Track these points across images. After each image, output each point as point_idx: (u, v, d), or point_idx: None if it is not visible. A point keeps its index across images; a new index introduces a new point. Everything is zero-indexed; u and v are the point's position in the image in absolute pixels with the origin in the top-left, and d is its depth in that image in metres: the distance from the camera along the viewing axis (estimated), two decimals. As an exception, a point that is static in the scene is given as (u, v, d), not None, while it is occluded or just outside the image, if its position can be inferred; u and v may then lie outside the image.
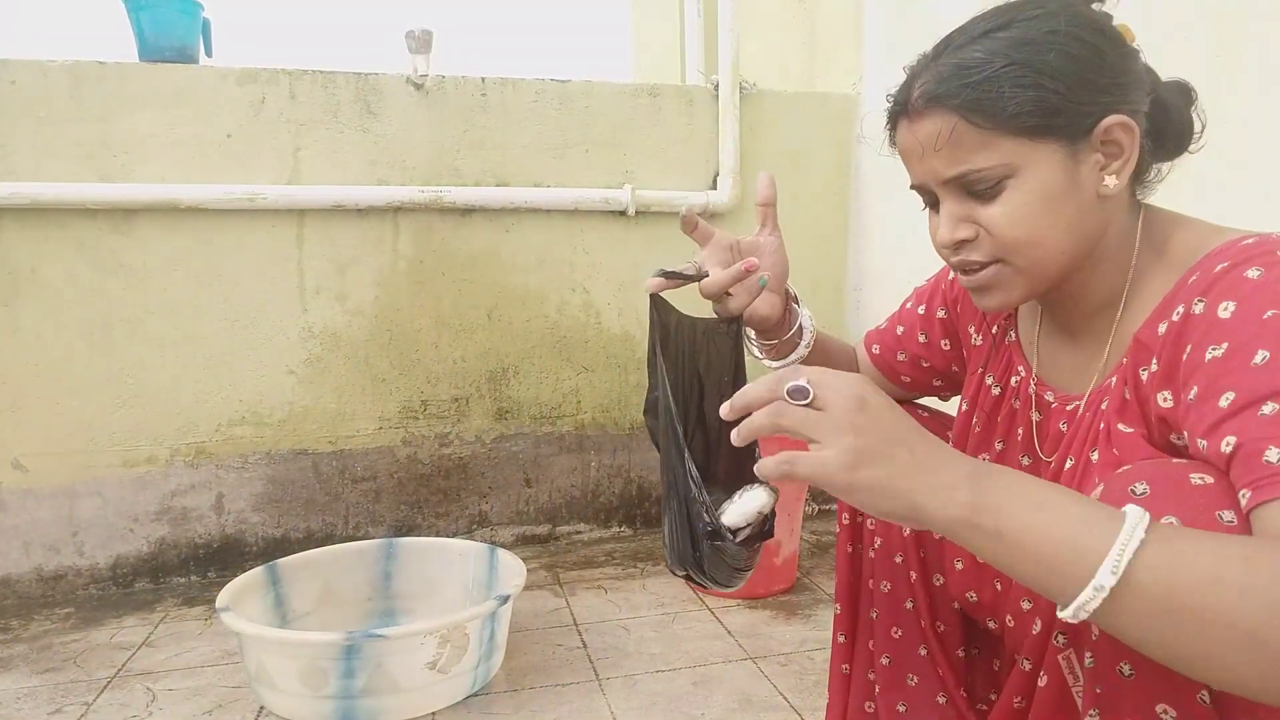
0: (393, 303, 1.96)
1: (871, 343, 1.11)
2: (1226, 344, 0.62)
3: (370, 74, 1.90)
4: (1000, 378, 0.92)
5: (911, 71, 0.77)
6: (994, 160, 0.71)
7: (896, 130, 0.79)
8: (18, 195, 1.70)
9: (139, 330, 1.82)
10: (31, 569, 1.81)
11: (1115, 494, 0.65)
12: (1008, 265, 0.75)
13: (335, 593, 1.59)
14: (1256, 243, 0.66)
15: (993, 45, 0.71)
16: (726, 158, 2.10)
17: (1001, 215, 0.73)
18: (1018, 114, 0.69)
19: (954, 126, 0.72)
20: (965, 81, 0.71)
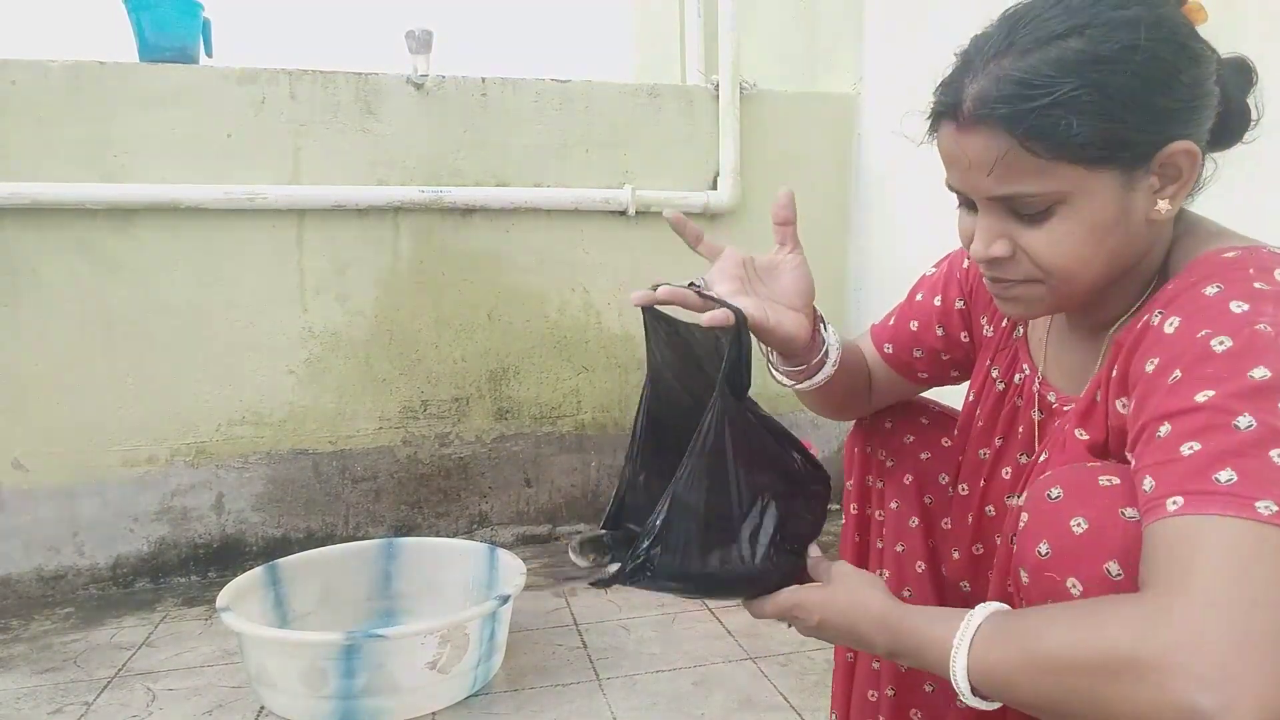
0: (393, 303, 1.96)
1: (882, 342, 1.05)
2: (1158, 359, 0.63)
3: (370, 74, 1.90)
4: (1005, 373, 0.92)
5: (965, 61, 0.69)
6: (1047, 187, 0.66)
7: (940, 130, 0.72)
8: (18, 195, 1.70)
9: (139, 330, 1.82)
10: (32, 569, 1.81)
11: (1034, 500, 0.69)
12: (1040, 285, 0.72)
13: (335, 593, 1.59)
14: (1235, 258, 0.65)
15: (1063, 57, 0.64)
16: (726, 158, 2.10)
17: (1046, 242, 0.68)
18: (1082, 145, 0.64)
19: (1008, 150, 0.65)
20: (1028, 105, 0.64)
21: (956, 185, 0.73)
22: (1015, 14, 0.68)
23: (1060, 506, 0.67)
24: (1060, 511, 0.66)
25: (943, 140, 0.72)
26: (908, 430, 1.05)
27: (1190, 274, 0.67)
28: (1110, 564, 0.63)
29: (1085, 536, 0.64)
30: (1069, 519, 0.65)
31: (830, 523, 2.40)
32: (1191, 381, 0.59)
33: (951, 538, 0.98)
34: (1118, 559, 0.62)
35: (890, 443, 1.05)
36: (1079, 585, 0.64)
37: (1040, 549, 0.67)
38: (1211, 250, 0.68)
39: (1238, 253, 0.66)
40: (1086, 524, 0.64)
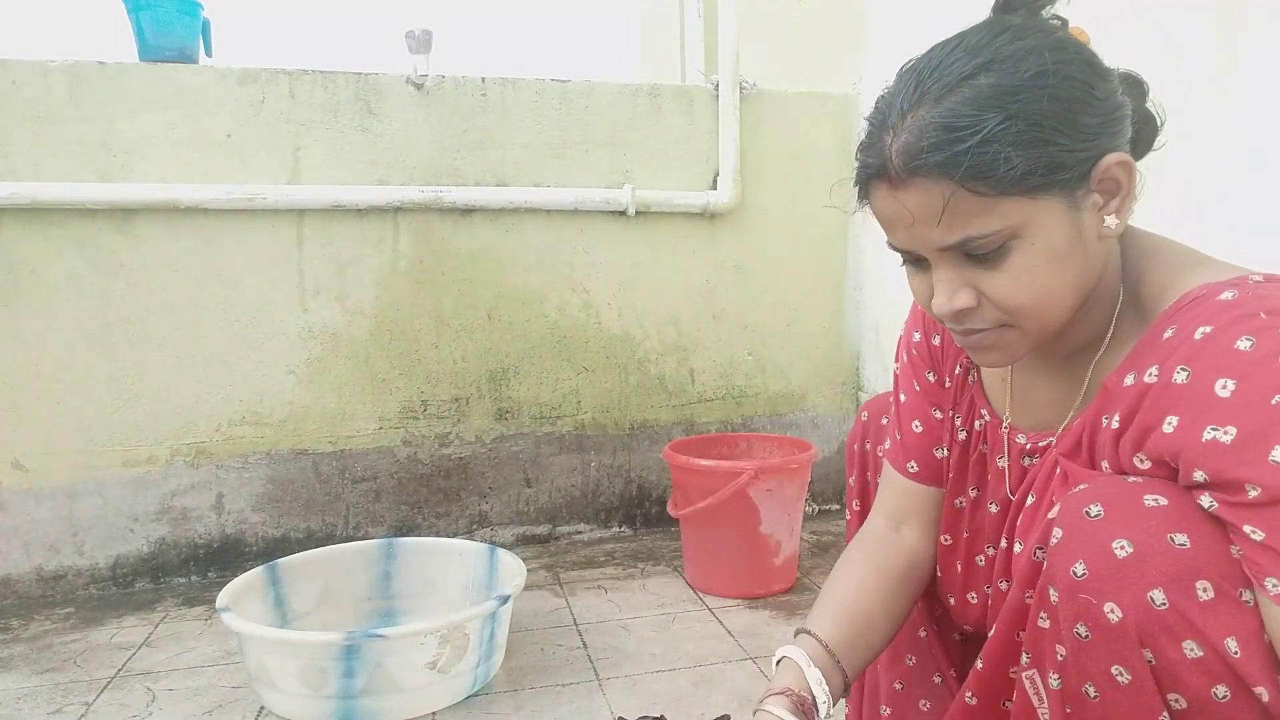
0: (393, 303, 1.96)
1: (904, 462, 0.96)
2: (1235, 429, 0.59)
3: (370, 74, 1.90)
4: (965, 421, 0.90)
5: (881, 119, 0.68)
6: (997, 225, 0.65)
7: (872, 194, 0.71)
8: (18, 195, 1.70)
9: (139, 330, 1.82)
10: (31, 569, 1.81)
11: (1070, 516, 0.66)
12: (1013, 329, 0.70)
13: (335, 593, 1.59)
14: (1235, 300, 0.63)
15: (978, 96, 0.63)
16: (726, 158, 2.10)
17: (1009, 282, 0.67)
18: (1021, 175, 0.63)
19: (951, 196, 0.64)
20: (960, 146, 0.63)
21: (903, 244, 0.71)
22: (916, 67, 0.68)
23: (1100, 526, 0.63)
24: (1100, 531, 0.63)
25: (878, 202, 0.70)
26: None
27: (1189, 316, 0.64)
28: (1155, 592, 0.61)
29: (1130, 561, 0.61)
30: (1110, 540, 0.62)
31: (833, 521, 2.40)
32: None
33: (943, 583, 0.96)
34: (1164, 588, 0.60)
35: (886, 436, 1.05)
36: (1118, 611, 0.62)
37: (1076, 569, 0.64)
38: (1200, 286, 0.66)
39: (1234, 293, 0.63)
40: (1132, 548, 0.61)
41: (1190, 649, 0.61)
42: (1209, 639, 0.60)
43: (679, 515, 1.78)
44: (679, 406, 2.17)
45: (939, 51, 0.67)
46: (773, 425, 2.24)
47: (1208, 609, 0.60)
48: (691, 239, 2.13)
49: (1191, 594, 0.60)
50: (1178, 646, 0.61)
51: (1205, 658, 0.61)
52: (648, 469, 2.16)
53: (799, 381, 2.26)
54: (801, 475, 1.77)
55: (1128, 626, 0.62)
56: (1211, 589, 0.60)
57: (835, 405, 2.29)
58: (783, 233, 2.18)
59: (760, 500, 1.70)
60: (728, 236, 2.15)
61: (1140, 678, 0.63)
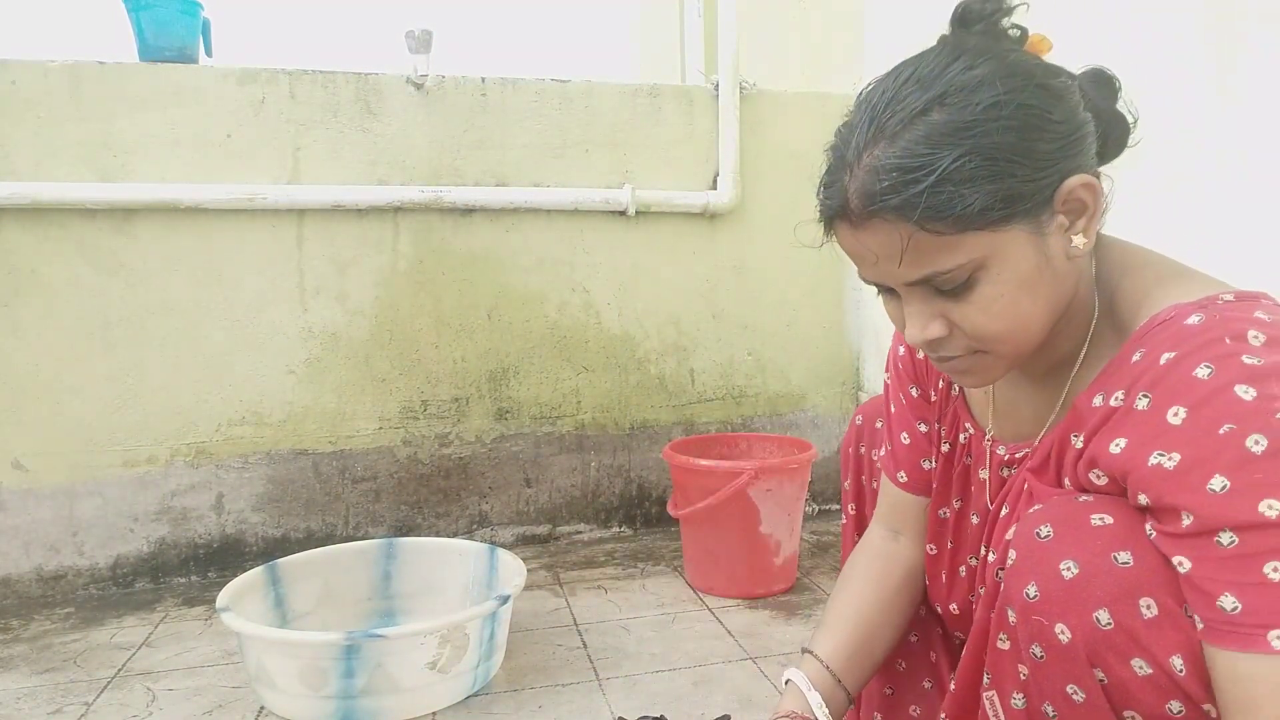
0: (393, 303, 1.96)
1: (895, 472, 0.98)
2: (1179, 456, 0.60)
3: (370, 74, 1.90)
4: (949, 434, 0.91)
5: (839, 157, 0.68)
6: (960, 259, 0.64)
7: (836, 232, 0.70)
8: (18, 195, 1.70)
9: (139, 330, 1.82)
10: (31, 569, 1.81)
11: (1023, 538, 0.68)
12: (986, 354, 0.71)
13: (335, 593, 1.59)
14: (1203, 324, 0.62)
15: (932, 133, 0.62)
16: (726, 158, 2.10)
17: (977, 312, 0.67)
18: (980, 211, 0.62)
19: (911, 237, 0.64)
20: (916, 189, 0.62)
21: (870, 279, 0.72)
22: (871, 100, 0.67)
23: (1050, 547, 0.65)
24: (1050, 552, 0.65)
25: (842, 240, 0.70)
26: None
27: (1156, 340, 0.64)
28: (1100, 612, 0.62)
29: (1076, 582, 0.63)
30: (1059, 561, 0.64)
31: (833, 521, 2.39)
32: (1247, 490, 0.57)
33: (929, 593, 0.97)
34: (1108, 607, 0.62)
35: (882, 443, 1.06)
36: (1067, 632, 0.63)
37: (1029, 591, 0.65)
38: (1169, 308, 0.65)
39: (1201, 316, 0.62)
40: (1077, 569, 0.63)
41: (1139, 667, 0.61)
42: (1155, 657, 0.61)
43: (679, 515, 1.78)
44: (679, 406, 2.17)
45: (893, 83, 0.67)
46: (773, 425, 2.24)
47: (1152, 626, 0.61)
48: (691, 239, 2.13)
49: (1136, 612, 0.61)
50: (1126, 665, 0.62)
51: (1154, 675, 0.61)
52: (648, 469, 2.16)
53: (799, 381, 2.26)
54: (801, 475, 1.77)
55: (1077, 646, 0.63)
56: (1155, 606, 0.61)
57: (835, 405, 2.29)
58: (783, 233, 2.18)
59: (760, 500, 1.70)
60: (728, 236, 2.15)
61: (1094, 696, 0.64)
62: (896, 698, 1.03)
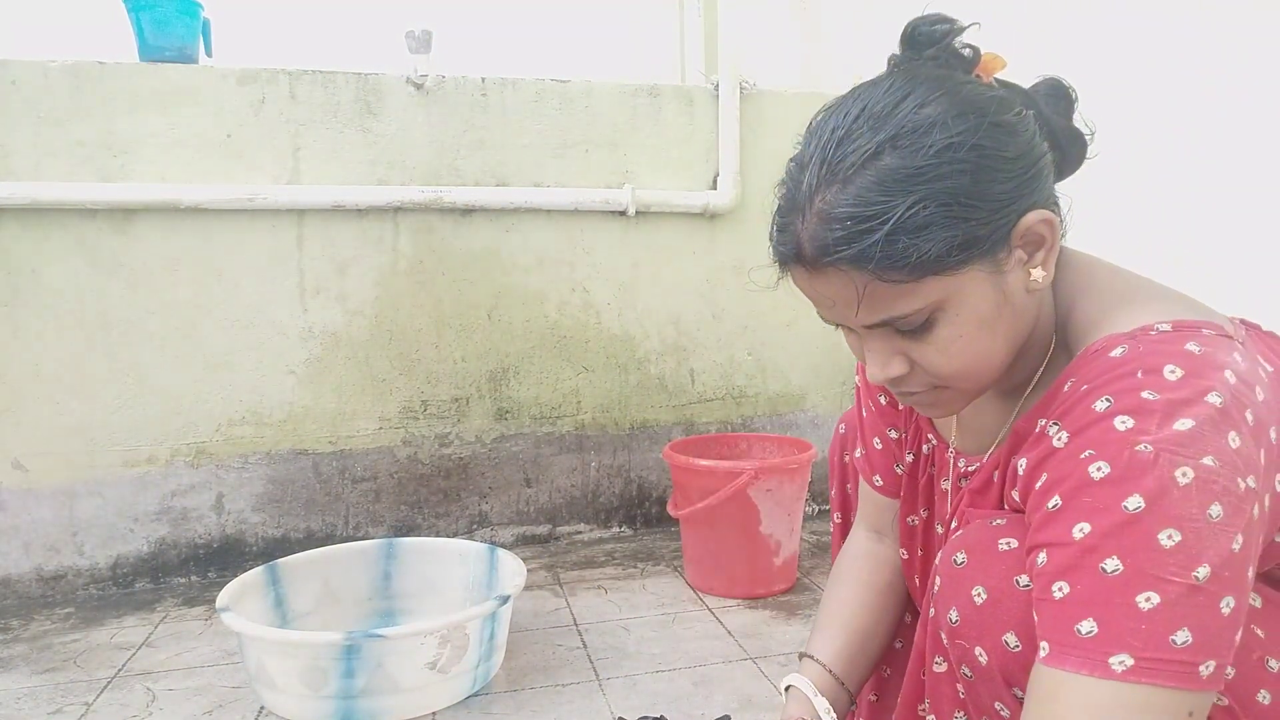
0: (393, 303, 1.96)
1: (871, 474, 0.98)
2: (1046, 476, 0.62)
3: (370, 74, 1.90)
4: (912, 444, 0.92)
5: (790, 199, 0.66)
6: (918, 303, 0.63)
7: (793, 275, 0.69)
8: (18, 195, 1.70)
9: (139, 330, 1.82)
10: (31, 569, 1.81)
11: (945, 564, 0.71)
12: (947, 389, 0.70)
13: (335, 593, 1.59)
14: (1122, 358, 0.61)
15: (883, 179, 0.60)
16: (726, 158, 2.10)
17: (937, 352, 0.66)
18: (936, 258, 0.60)
19: (866, 285, 0.62)
20: (869, 239, 0.60)
21: (829, 319, 0.71)
22: (821, 137, 0.65)
23: (964, 573, 0.67)
24: (964, 579, 0.67)
25: (798, 281, 0.69)
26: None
27: (1083, 371, 0.63)
28: (1008, 635, 0.64)
29: (985, 607, 0.65)
30: (970, 588, 0.66)
31: (825, 521, 2.39)
32: (1069, 512, 0.58)
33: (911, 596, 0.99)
34: (1014, 630, 0.64)
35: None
36: (985, 655, 0.66)
37: (951, 616, 0.68)
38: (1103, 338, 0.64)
39: (1124, 349, 0.61)
40: (986, 594, 0.65)
41: None
42: None
43: (679, 515, 1.78)
44: (679, 406, 2.17)
45: (842, 118, 0.64)
46: (773, 425, 2.24)
47: None
48: (691, 239, 2.13)
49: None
50: None
51: None
52: (648, 469, 2.16)
53: (799, 381, 2.26)
54: (801, 475, 1.77)
55: (994, 669, 0.66)
56: None
57: (835, 406, 2.29)
58: (783, 233, 2.18)
59: (760, 500, 1.70)
60: (728, 236, 2.15)
61: (1016, 713, 0.66)
62: (881, 704, 1.04)
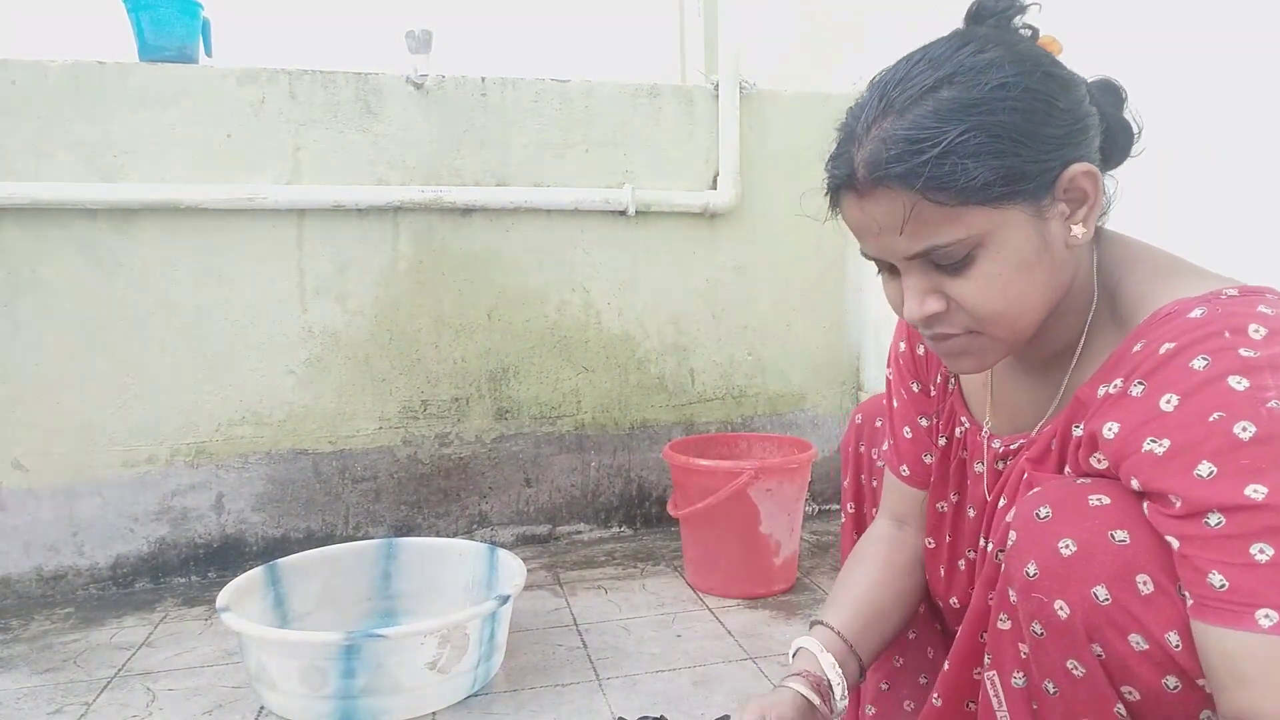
0: (393, 303, 1.96)
1: (898, 465, 0.99)
2: (1169, 441, 0.61)
3: (370, 74, 1.90)
4: (945, 428, 0.92)
5: (849, 131, 0.71)
6: (960, 234, 0.66)
7: (841, 203, 0.73)
8: (18, 195, 1.70)
9: (139, 330, 1.82)
10: (31, 569, 1.81)
11: (1023, 519, 0.69)
12: (983, 336, 0.71)
13: (335, 593, 1.59)
14: (1204, 318, 0.63)
15: (940, 108, 0.65)
16: (726, 158, 2.10)
17: (975, 289, 0.68)
18: (982, 186, 0.64)
19: (914, 206, 0.66)
20: (921, 158, 0.64)
21: (872, 253, 0.73)
22: (883, 80, 0.70)
23: (1049, 526, 0.66)
24: (1049, 531, 0.66)
25: (847, 212, 0.72)
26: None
27: (1158, 332, 0.65)
28: (1098, 588, 0.63)
29: (1075, 559, 0.64)
30: (1057, 540, 0.65)
31: (833, 521, 2.39)
32: (1234, 474, 0.58)
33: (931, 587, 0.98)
34: (1106, 584, 0.63)
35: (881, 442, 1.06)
36: (1066, 608, 0.64)
37: (1029, 570, 0.66)
38: (1172, 302, 0.66)
39: (1204, 310, 0.63)
40: (1075, 546, 0.64)
41: (1136, 642, 0.62)
42: (1151, 632, 0.62)
43: (679, 515, 1.78)
44: (679, 406, 2.17)
45: (904, 64, 0.69)
46: (773, 425, 2.24)
47: (1149, 603, 0.62)
48: (691, 239, 2.13)
49: (1133, 588, 0.62)
50: (1124, 640, 0.63)
51: (1150, 650, 0.62)
52: (648, 469, 2.16)
53: (799, 381, 2.26)
54: (801, 475, 1.77)
55: (1076, 622, 0.64)
56: (1151, 583, 0.62)
57: (835, 405, 2.29)
58: (783, 233, 2.18)
59: (760, 500, 1.70)
60: (728, 236, 2.15)
61: (1093, 671, 0.65)
62: (891, 692, 1.04)
